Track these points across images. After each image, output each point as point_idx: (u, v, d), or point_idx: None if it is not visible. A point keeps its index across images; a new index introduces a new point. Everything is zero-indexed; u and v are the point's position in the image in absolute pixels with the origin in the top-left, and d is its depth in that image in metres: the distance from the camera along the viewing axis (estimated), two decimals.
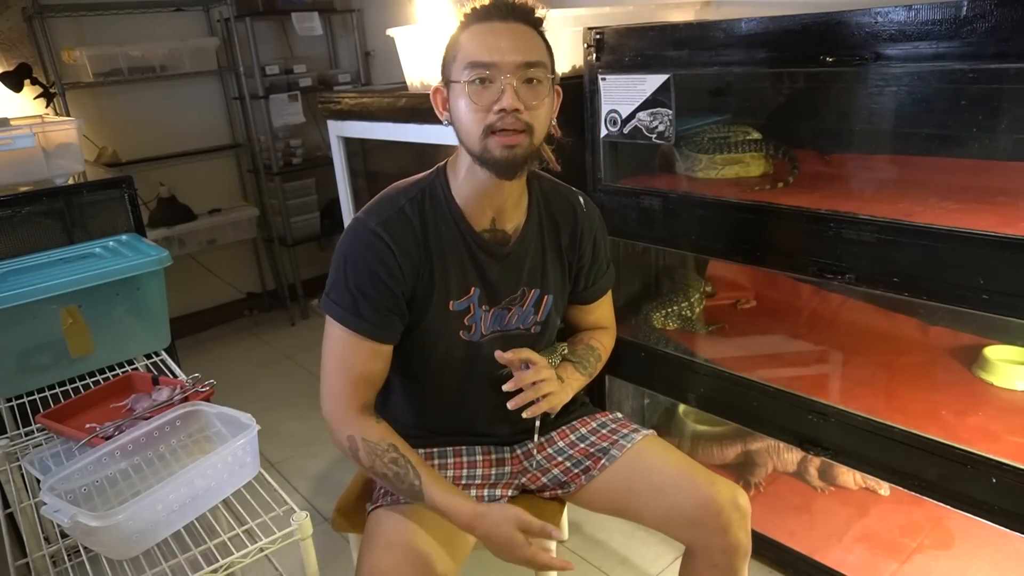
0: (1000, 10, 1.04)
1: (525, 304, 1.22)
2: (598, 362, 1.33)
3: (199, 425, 1.15)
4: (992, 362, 1.51)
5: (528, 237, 1.20)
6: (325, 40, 3.43)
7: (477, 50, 1.03)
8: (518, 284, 1.20)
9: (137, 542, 0.93)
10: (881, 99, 1.56)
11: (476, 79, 1.03)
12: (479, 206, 1.15)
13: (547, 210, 1.24)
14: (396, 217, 1.12)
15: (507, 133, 1.03)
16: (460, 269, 1.16)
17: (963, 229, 1.18)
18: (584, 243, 1.27)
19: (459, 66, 1.05)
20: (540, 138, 1.09)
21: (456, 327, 1.18)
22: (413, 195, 1.15)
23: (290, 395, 2.77)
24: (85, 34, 2.92)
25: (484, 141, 1.05)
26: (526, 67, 1.03)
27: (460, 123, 1.07)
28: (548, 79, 1.06)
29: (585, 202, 1.28)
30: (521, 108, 1.02)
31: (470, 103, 1.04)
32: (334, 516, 1.32)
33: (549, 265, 1.23)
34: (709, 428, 1.95)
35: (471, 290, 1.17)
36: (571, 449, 1.27)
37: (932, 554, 1.56)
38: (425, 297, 1.15)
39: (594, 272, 1.31)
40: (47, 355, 1.43)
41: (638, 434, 1.26)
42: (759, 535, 1.66)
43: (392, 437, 1.12)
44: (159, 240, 2.97)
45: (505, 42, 1.03)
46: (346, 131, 2.21)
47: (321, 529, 1.93)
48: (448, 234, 1.15)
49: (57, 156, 1.98)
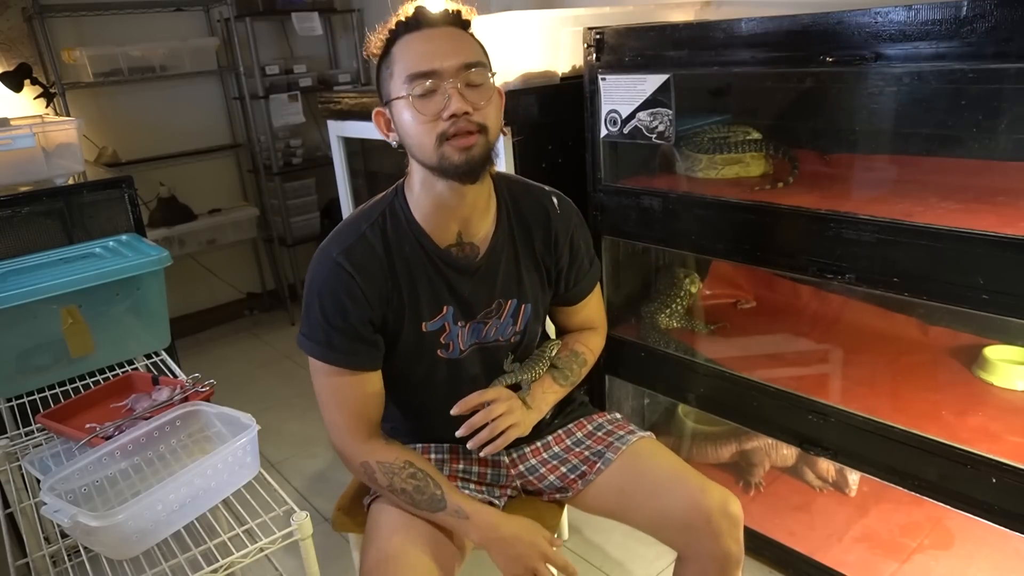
0: (1000, 10, 1.04)
1: (503, 315, 1.19)
2: (583, 367, 1.29)
3: (199, 425, 1.15)
4: (992, 362, 1.51)
5: (499, 246, 1.17)
6: (325, 40, 3.43)
7: (414, 60, 1.01)
8: (492, 297, 1.17)
9: (137, 542, 0.93)
10: (881, 99, 1.56)
11: (420, 91, 1.00)
12: (441, 221, 1.11)
13: (517, 215, 1.19)
14: (358, 244, 1.10)
15: (461, 136, 1.00)
16: (429, 289, 1.13)
17: (963, 229, 1.17)
18: (560, 245, 1.22)
19: (398, 81, 1.02)
20: (495, 136, 1.06)
21: (433, 347, 1.16)
22: (374, 218, 1.12)
23: (290, 395, 2.77)
24: (85, 34, 2.92)
25: (440, 150, 1.01)
26: (467, 68, 1.01)
27: (411, 138, 1.04)
28: (489, 78, 1.04)
29: (559, 202, 1.23)
30: (471, 110, 1.00)
31: (417, 115, 1.01)
32: (334, 516, 1.32)
33: (524, 273, 1.20)
34: (704, 427, 1.95)
35: (443, 309, 1.14)
36: (567, 454, 1.26)
37: (932, 554, 1.56)
38: (397, 321, 1.13)
39: (574, 273, 1.26)
40: (47, 355, 1.43)
41: (634, 436, 1.25)
42: (759, 535, 1.66)
43: (406, 454, 1.13)
44: (159, 240, 2.97)
45: (441, 47, 1.01)
46: (346, 131, 2.21)
47: (321, 529, 1.93)
48: (413, 255, 1.12)
49: (57, 156, 1.98)
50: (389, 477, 1.11)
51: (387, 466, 1.11)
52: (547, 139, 1.75)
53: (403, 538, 1.08)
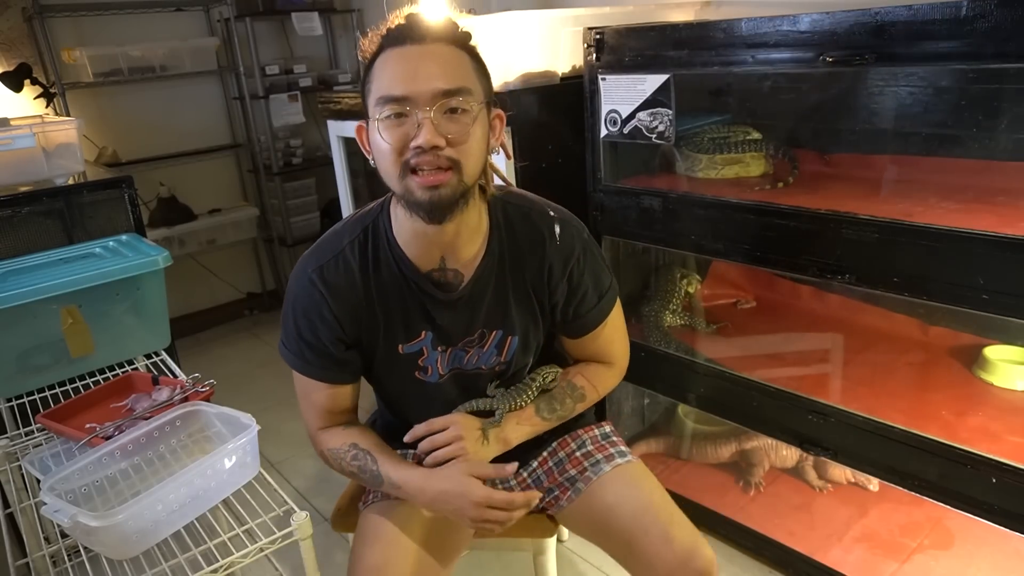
0: (1000, 10, 1.04)
1: (486, 345, 1.12)
2: (578, 403, 1.18)
3: (199, 425, 1.15)
4: (992, 362, 1.51)
5: (485, 275, 1.08)
6: (325, 40, 3.43)
7: (388, 82, 0.92)
8: (473, 327, 1.10)
9: (137, 542, 0.93)
10: (881, 99, 1.56)
11: (389, 114, 0.92)
12: (423, 248, 1.04)
13: (511, 241, 1.09)
14: (334, 262, 1.06)
15: (428, 172, 0.92)
16: (405, 314, 1.08)
17: (963, 229, 1.17)
18: (554, 278, 1.10)
19: (372, 100, 0.94)
20: (473, 174, 0.96)
21: (409, 369, 1.12)
22: (356, 235, 1.07)
23: (290, 395, 2.74)
24: (85, 34, 2.92)
25: (404, 182, 0.94)
26: (445, 96, 0.91)
27: (379, 161, 0.97)
28: (476, 105, 0.94)
29: (561, 230, 1.10)
30: (441, 144, 0.91)
31: (383, 141, 0.93)
32: (334, 516, 1.32)
33: (513, 304, 1.10)
34: (704, 427, 1.95)
35: (422, 333, 1.10)
36: (546, 478, 1.22)
37: (932, 554, 1.56)
38: (371, 342, 1.10)
39: (573, 307, 1.13)
40: (47, 355, 1.43)
41: (609, 464, 1.17)
42: (759, 535, 1.66)
43: (353, 436, 1.12)
44: (159, 240, 2.97)
45: (421, 69, 0.91)
46: (346, 131, 2.21)
47: (321, 529, 1.93)
48: (390, 278, 1.06)
49: (57, 156, 1.98)
50: (339, 463, 1.12)
51: (335, 452, 1.12)
52: (547, 139, 1.75)
53: (384, 549, 1.07)
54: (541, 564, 1.33)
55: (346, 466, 1.11)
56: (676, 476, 1.91)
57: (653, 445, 2.02)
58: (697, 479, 1.88)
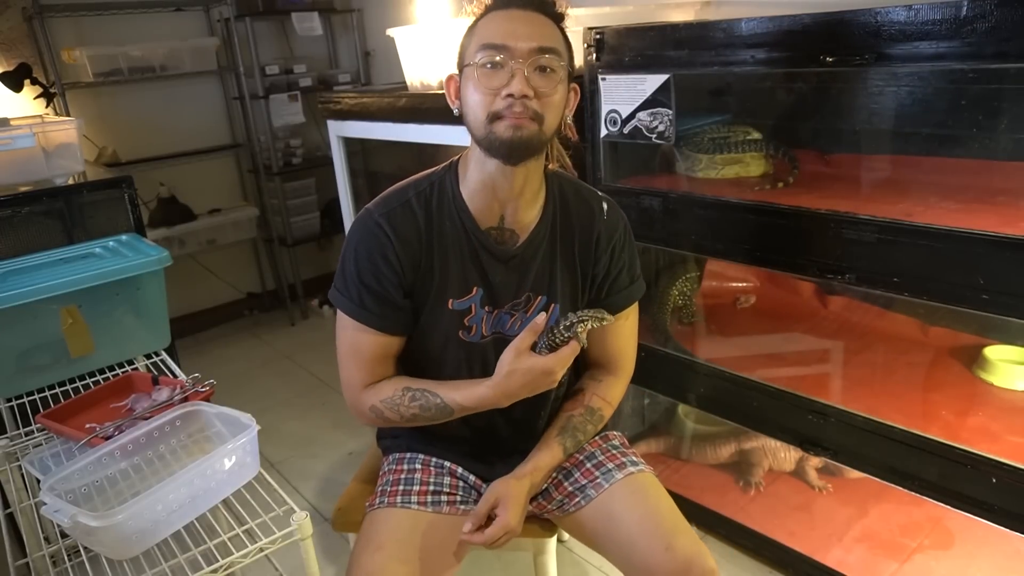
0: (1000, 10, 1.04)
1: (530, 310, 1.17)
2: (597, 425, 1.23)
3: (199, 425, 1.15)
4: (992, 362, 1.51)
5: (538, 239, 1.15)
6: (325, 40, 3.43)
7: (491, 33, 1.02)
8: (522, 288, 1.15)
9: (137, 542, 0.93)
10: (881, 99, 1.56)
11: (487, 62, 1.01)
12: (486, 202, 1.11)
13: (563, 212, 1.17)
14: (401, 209, 1.11)
15: (513, 118, 1.00)
16: (461, 268, 1.13)
17: (963, 229, 1.18)
18: (600, 250, 1.18)
19: (472, 49, 1.03)
20: (551, 129, 1.05)
21: (455, 327, 1.15)
22: (422, 188, 1.13)
23: (290, 395, 2.77)
24: (85, 34, 2.92)
25: (490, 126, 1.02)
26: (539, 52, 1.00)
27: (468, 107, 1.05)
28: (563, 68, 1.03)
29: (608, 208, 1.20)
30: (530, 94, 0.99)
31: (478, 85, 1.02)
32: (335, 516, 1.32)
33: (559, 271, 1.17)
34: (704, 427, 1.95)
35: (473, 290, 1.14)
36: (555, 489, 1.22)
37: (932, 554, 1.56)
38: (423, 293, 1.13)
39: (609, 283, 1.20)
40: (47, 355, 1.43)
41: (620, 472, 1.18)
42: (759, 535, 1.66)
43: (403, 382, 1.13)
44: (159, 240, 2.97)
45: (521, 28, 1.01)
46: (346, 131, 2.21)
47: (321, 529, 1.93)
48: (452, 231, 1.12)
49: (57, 156, 1.98)
50: (397, 410, 1.12)
51: (389, 401, 1.12)
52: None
53: (387, 555, 1.07)
54: (541, 564, 1.33)
55: (404, 411, 1.11)
56: (676, 476, 1.91)
57: (653, 445, 2.02)
58: (697, 479, 1.88)
